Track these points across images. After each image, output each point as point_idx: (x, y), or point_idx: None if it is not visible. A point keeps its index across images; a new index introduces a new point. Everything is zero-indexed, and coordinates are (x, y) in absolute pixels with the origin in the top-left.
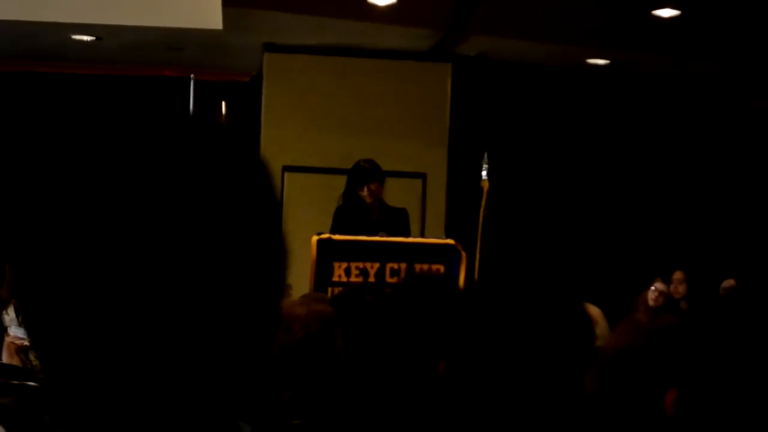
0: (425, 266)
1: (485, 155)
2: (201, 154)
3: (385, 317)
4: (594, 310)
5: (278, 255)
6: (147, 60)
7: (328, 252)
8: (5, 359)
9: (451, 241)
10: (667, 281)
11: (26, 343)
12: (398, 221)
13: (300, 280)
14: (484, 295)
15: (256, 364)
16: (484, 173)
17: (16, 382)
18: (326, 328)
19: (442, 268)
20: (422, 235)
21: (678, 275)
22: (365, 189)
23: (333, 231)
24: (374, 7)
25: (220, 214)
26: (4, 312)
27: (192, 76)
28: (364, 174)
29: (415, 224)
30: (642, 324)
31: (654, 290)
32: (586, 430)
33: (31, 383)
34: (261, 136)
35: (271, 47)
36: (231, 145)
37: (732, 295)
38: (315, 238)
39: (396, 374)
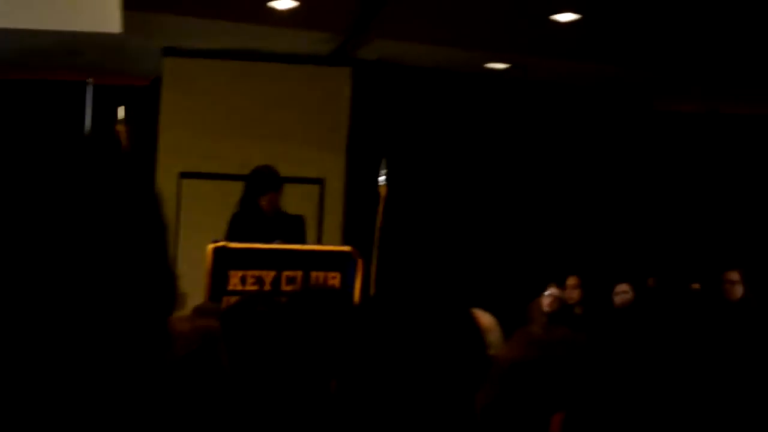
0: (321, 274)
1: (383, 161)
2: (92, 174)
3: (276, 331)
4: (486, 319)
5: (165, 275)
6: (44, 64)
7: (223, 260)
8: None
9: (347, 248)
10: (561, 286)
11: None
12: (295, 228)
13: (195, 288)
14: (374, 310)
15: (143, 381)
16: (382, 179)
17: None
18: (209, 344)
19: (338, 276)
20: (320, 242)
21: (572, 281)
22: (263, 199)
23: (229, 238)
24: (274, 10)
25: (107, 233)
26: None
27: (89, 80)
28: (263, 182)
29: (312, 230)
30: (536, 336)
31: (548, 295)
32: None
33: None
34: (158, 141)
35: (170, 51)
36: (123, 166)
37: (626, 311)
38: (210, 246)
39: (285, 391)
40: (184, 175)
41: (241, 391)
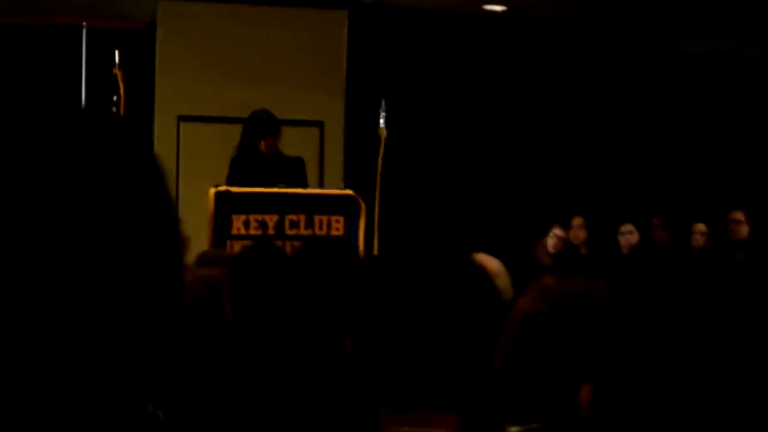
0: (324, 218)
1: (383, 103)
2: (93, 146)
3: (284, 280)
4: (494, 263)
5: (174, 246)
6: (38, 6)
7: (226, 205)
8: None
9: (350, 192)
10: (566, 227)
11: None
12: (295, 170)
13: (198, 231)
14: (386, 268)
15: (162, 344)
16: (381, 121)
17: None
18: (212, 293)
19: (341, 220)
20: (321, 185)
21: (577, 221)
22: (262, 142)
23: (229, 182)
24: None
25: (112, 206)
26: None
27: (84, 23)
28: (261, 126)
29: (313, 173)
30: (550, 287)
31: (553, 236)
32: (498, 399)
33: None
34: (155, 86)
35: None
36: (123, 137)
37: (636, 256)
38: (212, 190)
39: (294, 345)
40: (183, 118)
41: (246, 343)
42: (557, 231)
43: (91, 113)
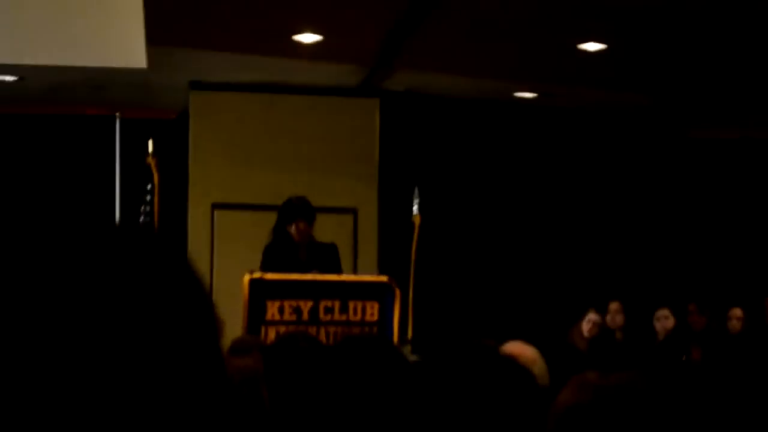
0: (359, 303)
1: (416, 189)
2: (126, 263)
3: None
4: (529, 351)
5: (213, 348)
6: (71, 99)
7: (260, 291)
8: None
9: (384, 278)
10: (602, 312)
11: None
12: (328, 257)
13: (232, 318)
14: (420, 365)
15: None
16: (415, 208)
17: None
18: (249, 381)
19: (376, 306)
20: (355, 271)
21: (615, 305)
22: (294, 227)
23: (263, 268)
24: (300, 44)
25: (150, 322)
26: None
27: (117, 114)
28: (293, 211)
29: (347, 260)
30: (592, 380)
31: (588, 321)
32: None
33: None
34: (189, 174)
35: (196, 85)
36: (157, 248)
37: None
38: (247, 277)
39: None
40: (216, 206)
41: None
42: (592, 315)
43: (124, 229)
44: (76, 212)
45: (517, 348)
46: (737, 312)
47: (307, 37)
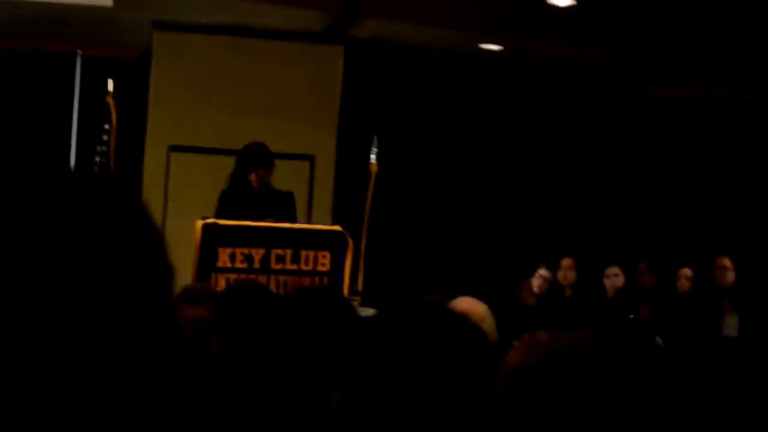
0: (311, 253)
1: (375, 139)
2: (81, 203)
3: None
4: (480, 307)
5: (165, 295)
6: (33, 34)
7: (212, 237)
8: None
9: (337, 228)
10: (553, 268)
11: None
12: (284, 205)
13: (183, 264)
14: (376, 324)
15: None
16: (372, 157)
17: None
18: (201, 333)
19: (328, 255)
20: (309, 219)
21: (567, 261)
22: (253, 174)
23: (218, 215)
24: None
25: (106, 253)
26: None
27: (79, 51)
28: (254, 158)
29: (301, 207)
30: (542, 341)
31: (538, 277)
32: None
33: None
34: (148, 115)
35: (160, 25)
36: (110, 191)
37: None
38: (200, 222)
39: (281, 393)
40: (173, 148)
41: (233, 386)
42: (543, 271)
43: (78, 171)
44: (32, 149)
45: (467, 304)
46: (687, 272)
47: None
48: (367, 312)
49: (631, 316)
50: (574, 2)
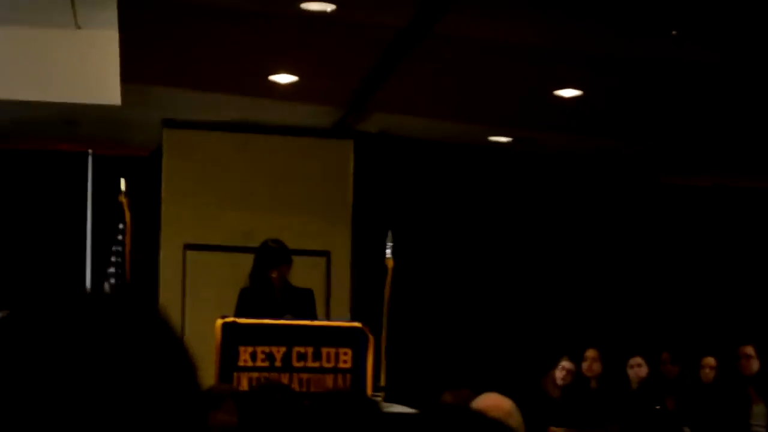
0: (332, 350)
1: (389, 233)
2: (102, 329)
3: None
4: (506, 403)
5: (191, 391)
6: (44, 134)
7: (233, 336)
8: None
9: (357, 324)
10: (576, 359)
11: None
12: (304, 302)
13: (204, 363)
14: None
15: None
16: (388, 251)
17: None
18: None
19: (349, 353)
20: (327, 314)
21: (592, 353)
22: (275, 272)
23: (238, 313)
24: (276, 84)
25: (132, 381)
26: None
27: (90, 151)
28: (274, 255)
29: (320, 303)
30: None
31: (561, 369)
32: None
33: None
34: (161, 213)
35: (170, 123)
36: (129, 308)
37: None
38: (219, 321)
39: None
40: (189, 246)
41: None
42: (566, 363)
43: (95, 295)
44: (47, 251)
45: (492, 400)
46: (710, 361)
47: (283, 78)
48: (392, 408)
49: (658, 407)
50: (580, 93)
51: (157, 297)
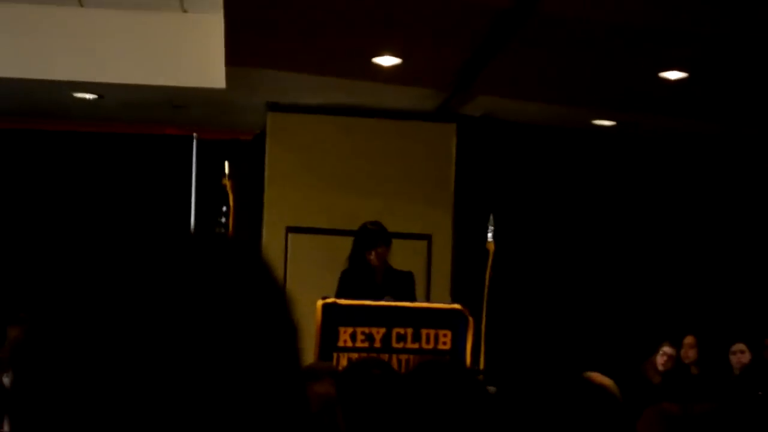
0: (431, 332)
1: (491, 217)
2: (203, 270)
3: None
4: (607, 382)
5: (291, 344)
6: (149, 118)
7: (333, 317)
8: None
9: (457, 306)
10: (677, 345)
11: None
12: (404, 284)
13: (305, 343)
14: (502, 384)
15: None
16: (489, 235)
17: None
18: (327, 409)
19: (449, 334)
20: (427, 298)
21: (689, 340)
22: (372, 252)
23: (338, 294)
24: (379, 67)
25: (230, 317)
26: (4, 375)
27: (195, 134)
28: (372, 237)
29: (420, 286)
30: (672, 413)
31: (662, 354)
32: None
33: None
34: (264, 196)
35: (274, 106)
36: (233, 257)
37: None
38: (320, 302)
39: None
40: (291, 229)
41: None
42: (667, 348)
43: (200, 236)
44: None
45: (595, 377)
46: None
47: (387, 60)
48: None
49: (760, 393)
50: (686, 75)
51: None
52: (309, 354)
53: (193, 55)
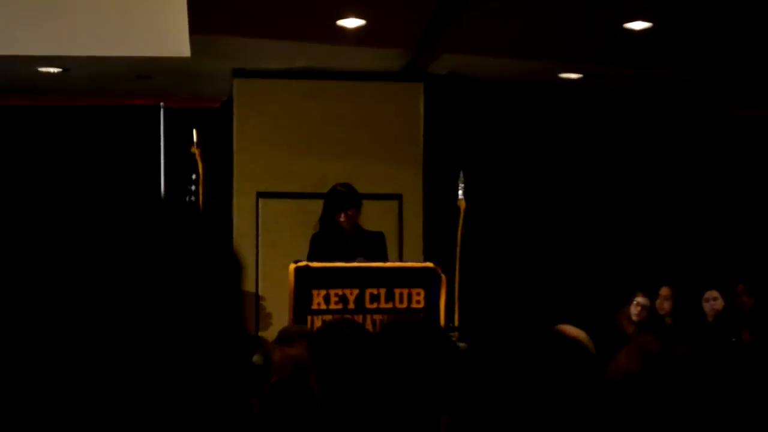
0: (405, 291)
1: (461, 174)
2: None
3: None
4: (580, 334)
5: (242, 342)
6: (116, 89)
7: (306, 280)
8: None
9: (430, 264)
10: (651, 296)
11: None
12: (375, 245)
13: (279, 307)
14: (473, 339)
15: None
16: (460, 192)
17: None
18: (300, 372)
19: (422, 293)
20: (400, 257)
21: (665, 291)
22: (342, 215)
23: (310, 257)
24: (343, 29)
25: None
26: None
27: (162, 104)
28: (342, 199)
29: (392, 246)
30: (654, 350)
31: (636, 305)
32: None
33: None
34: (234, 163)
35: (240, 73)
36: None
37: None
38: (292, 266)
39: (392, 428)
40: (261, 195)
41: (334, 423)
42: (641, 299)
43: (169, 202)
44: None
45: (567, 329)
46: None
47: (351, 22)
48: (462, 346)
49: (733, 340)
50: (650, 25)
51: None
52: (284, 318)
53: (157, 25)
